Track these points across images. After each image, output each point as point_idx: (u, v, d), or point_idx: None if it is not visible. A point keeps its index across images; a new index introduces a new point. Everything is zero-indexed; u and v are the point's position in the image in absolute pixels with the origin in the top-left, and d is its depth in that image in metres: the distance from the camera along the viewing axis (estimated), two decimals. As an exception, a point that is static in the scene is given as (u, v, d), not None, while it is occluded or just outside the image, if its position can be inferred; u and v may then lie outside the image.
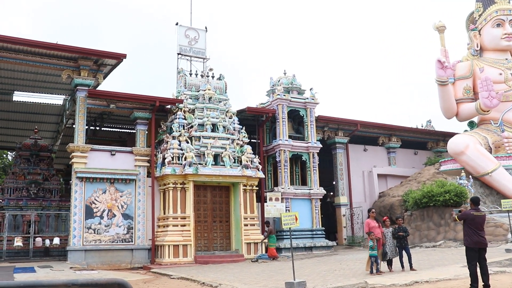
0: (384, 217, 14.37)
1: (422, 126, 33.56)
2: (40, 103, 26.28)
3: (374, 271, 12.76)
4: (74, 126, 21.85)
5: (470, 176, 23.94)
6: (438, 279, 11.02)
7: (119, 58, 20.80)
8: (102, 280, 2.26)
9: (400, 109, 71.87)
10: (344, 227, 27.00)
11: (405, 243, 13.41)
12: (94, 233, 20.02)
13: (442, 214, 21.83)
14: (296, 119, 26.11)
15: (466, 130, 27.36)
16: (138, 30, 75.38)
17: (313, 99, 25.55)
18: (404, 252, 13.30)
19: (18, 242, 22.27)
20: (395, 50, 75.42)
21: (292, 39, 78.85)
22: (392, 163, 29.95)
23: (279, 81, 25.91)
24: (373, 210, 14.02)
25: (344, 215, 27.08)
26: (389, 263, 13.42)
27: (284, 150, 24.13)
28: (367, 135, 29.58)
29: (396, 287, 10.46)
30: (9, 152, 41.22)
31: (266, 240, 21.10)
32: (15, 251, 22.69)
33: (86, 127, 21.73)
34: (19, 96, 25.19)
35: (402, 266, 13.17)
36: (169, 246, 19.69)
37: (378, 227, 13.36)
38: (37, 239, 22.93)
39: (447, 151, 26.98)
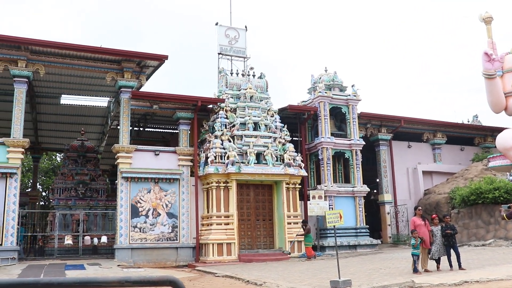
0: (433, 215, 14.01)
1: (468, 121, 32.61)
2: (86, 105, 26.98)
3: (419, 269, 12.51)
4: (118, 127, 22.33)
5: (521, 172, 23.11)
6: (489, 279, 10.66)
7: (161, 59, 21.11)
8: (153, 277, 2.28)
9: (445, 105, 70.22)
10: (389, 225, 26.56)
11: (453, 241, 13.07)
12: (140, 231, 20.40)
13: (492, 211, 21.16)
14: (338, 116, 25.84)
15: (515, 125, 26.44)
16: (179, 31, 76.43)
17: (355, 95, 25.23)
18: (452, 250, 12.96)
19: (68, 241, 22.97)
20: (439, 44, 73.70)
21: (332, 36, 78.18)
22: (438, 159, 29.23)
23: (320, 78, 25.71)
24: (420, 208, 13.71)
25: (388, 213, 26.63)
26: (437, 262, 13.10)
27: (327, 147, 23.93)
28: (411, 131, 28.96)
29: (445, 287, 10.19)
30: (57, 154, 42.49)
31: (302, 239, 20.82)
32: (66, 249, 23.43)
33: (130, 128, 22.16)
34: (66, 99, 25.94)
35: (451, 265, 12.83)
36: (213, 244, 19.85)
37: (424, 225, 13.06)
38: (85, 237, 23.58)
39: (495, 147, 25.98)
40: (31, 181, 37.65)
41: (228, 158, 20.78)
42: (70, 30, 74.54)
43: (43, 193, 42.08)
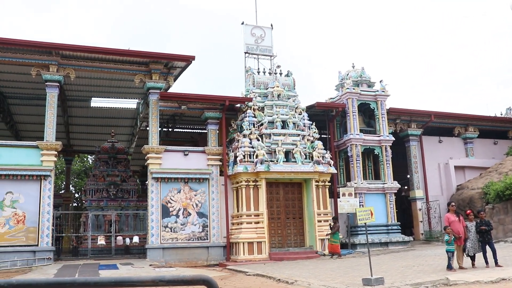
0: (468, 211, 13.73)
1: (501, 114, 31.87)
2: (116, 107, 27.35)
3: (453, 266, 12.29)
4: (147, 128, 22.55)
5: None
6: (528, 275, 10.39)
7: (188, 60, 21.23)
8: (187, 276, 2.28)
9: (476, 98, 68.90)
10: (421, 221, 26.16)
11: (489, 237, 12.79)
12: (171, 231, 20.59)
13: (528, 206, 20.64)
14: (367, 113, 25.59)
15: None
16: (205, 31, 76.84)
17: (383, 91, 24.95)
18: (488, 247, 12.68)
19: (101, 241, 23.34)
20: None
21: (358, 32, 77.46)
22: (470, 154, 28.64)
23: (347, 74, 25.50)
24: (453, 204, 13.46)
25: (420, 209, 26.24)
26: (472, 259, 12.84)
27: (356, 144, 23.74)
28: (441, 126, 28.46)
29: (481, 284, 9.94)
30: (89, 156, 43.22)
31: (329, 237, 20.53)
32: (99, 249, 23.79)
33: (159, 128, 22.37)
34: (96, 102, 26.32)
35: (486, 262, 12.56)
36: (243, 243, 19.90)
37: (458, 221, 12.81)
38: (118, 237, 23.91)
39: (530, 140, 25.48)
40: (64, 183, 38.40)
41: (257, 156, 20.79)
42: (97, 34, 75.74)
43: (76, 195, 42.86)
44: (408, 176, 27.59)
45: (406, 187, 28.89)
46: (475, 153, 28.76)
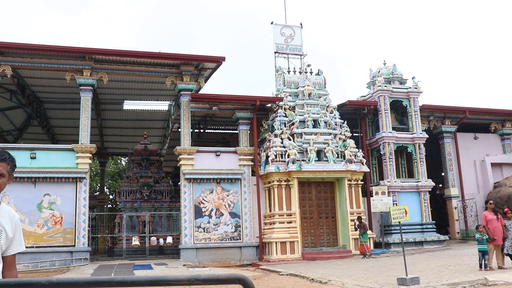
0: (506, 209, 13.38)
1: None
2: (148, 110, 27.73)
3: (488, 265, 12.01)
4: (179, 129, 22.77)
5: None
6: None
7: (218, 61, 21.33)
8: (222, 275, 2.28)
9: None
10: (457, 220, 25.64)
11: (529, 236, 12.43)
12: (204, 231, 20.73)
13: None
14: (399, 110, 25.24)
15: None
16: (234, 31, 77.20)
17: (416, 88, 24.57)
18: (528, 246, 12.33)
19: (135, 241, 23.69)
20: (505, 31, 70.58)
21: (389, 28, 76.49)
22: (507, 150, 27.90)
23: (379, 72, 25.21)
24: (491, 202, 13.15)
25: (455, 208, 25.72)
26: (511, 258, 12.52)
27: (388, 142, 23.44)
28: (477, 122, 27.83)
29: (522, 284, 9.71)
30: (122, 158, 43.93)
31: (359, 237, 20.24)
32: (133, 250, 24.17)
33: (191, 130, 22.53)
34: (128, 105, 26.75)
35: (527, 261, 12.24)
36: (276, 243, 19.89)
37: (497, 219, 12.51)
38: (152, 238, 24.21)
39: None
40: (98, 185, 39.12)
41: (288, 156, 20.75)
42: (126, 36, 76.91)
43: (110, 196, 43.65)
44: (443, 174, 27.07)
45: (440, 185, 28.37)
46: (513, 150, 28.00)
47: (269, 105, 22.94)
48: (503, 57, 70.94)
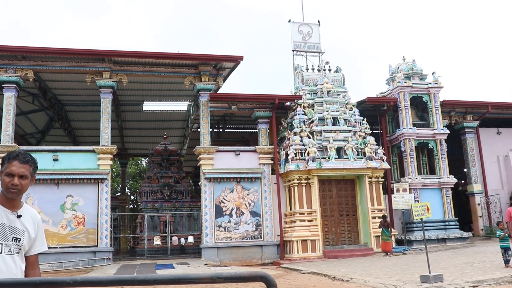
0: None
1: None
2: (167, 110, 27.91)
3: (510, 263, 11.82)
4: (199, 129, 22.87)
5: None
6: None
7: (236, 60, 21.36)
8: (245, 273, 2.28)
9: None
10: (480, 217, 25.26)
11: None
12: (225, 231, 20.78)
13: None
14: (420, 106, 24.97)
15: None
16: (251, 30, 77.24)
17: (436, 83, 24.27)
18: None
19: (157, 241, 23.86)
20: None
21: (408, 23, 75.72)
22: (532, 145, 27.37)
23: (398, 68, 24.97)
24: (515, 197, 12.92)
25: (479, 204, 25.34)
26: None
27: (409, 138, 23.21)
28: (500, 117, 27.34)
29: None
30: (143, 158, 44.27)
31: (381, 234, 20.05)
32: (155, 249, 24.35)
33: (210, 129, 22.61)
34: (148, 106, 26.96)
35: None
36: (297, 241, 19.85)
37: (521, 215, 12.29)
38: (173, 238, 24.35)
39: None
40: (120, 185, 39.51)
41: (308, 154, 20.68)
42: (145, 37, 77.46)
43: (132, 197, 44.04)
44: (465, 170, 26.68)
45: (463, 182, 27.97)
46: (538, 144, 27.45)
47: (288, 103, 22.89)
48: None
